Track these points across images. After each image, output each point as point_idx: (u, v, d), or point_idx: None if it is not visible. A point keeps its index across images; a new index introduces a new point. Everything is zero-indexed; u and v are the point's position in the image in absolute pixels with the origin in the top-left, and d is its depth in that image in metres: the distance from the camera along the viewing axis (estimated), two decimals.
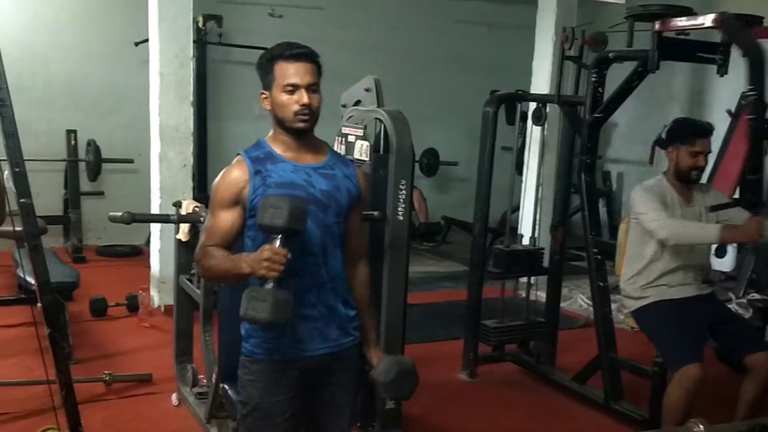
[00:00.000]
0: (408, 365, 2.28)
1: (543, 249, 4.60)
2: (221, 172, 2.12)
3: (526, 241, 4.68)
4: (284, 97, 2.06)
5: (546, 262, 4.63)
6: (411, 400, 3.70)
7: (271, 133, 2.16)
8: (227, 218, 2.09)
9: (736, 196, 6.22)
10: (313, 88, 2.08)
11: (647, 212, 3.34)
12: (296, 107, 2.06)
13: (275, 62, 2.08)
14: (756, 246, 6.00)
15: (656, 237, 3.32)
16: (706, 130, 3.44)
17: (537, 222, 4.71)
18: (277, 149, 2.12)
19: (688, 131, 3.44)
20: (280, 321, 1.92)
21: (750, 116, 3.25)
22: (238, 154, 2.13)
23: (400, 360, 2.33)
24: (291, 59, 2.06)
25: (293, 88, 2.05)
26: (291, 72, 2.05)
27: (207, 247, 2.09)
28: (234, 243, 2.12)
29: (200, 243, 2.13)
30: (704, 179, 3.60)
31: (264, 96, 2.12)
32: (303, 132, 2.10)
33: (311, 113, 2.08)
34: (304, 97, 2.05)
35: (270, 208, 1.91)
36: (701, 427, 1.92)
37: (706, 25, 3.41)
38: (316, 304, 2.11)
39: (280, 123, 2.10)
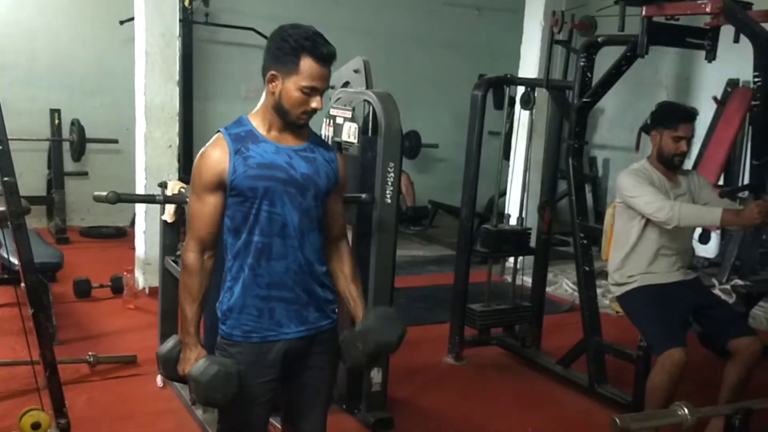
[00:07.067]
0: (392, 313, 2.28)
1: (530, 229, 4.61)
2: (201, 151, 2.08)
3: (513, 221, 4.68)
4: (299, 96, 2.01)
5: (533, 243, 4.64)
6: (397, 383, 3.76)
7: (257, 110, 2.12)
8: (212, 202, 2.05)
9: (720, 182, 6.32)
10: (323, 93, 2.06)
11: (642, 195, 3.31)
12: (306, 108, 2.03)
13: (303, 55, 1.98)
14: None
15: (655, 220, 3.28)
16: (690, 114, 3.42)
17: (524, 206, 4.71)
18: (260, 128, 2.08)
19: (671, 115, 3.42)
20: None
21: (754, 102, 3.20)
22: (218, 131, 2.09)
23: (384, 310, 2.33)
24: (321, 61, 2.00)
25: (311, 92, 2.02)
26: (317, 74, 2.00)
27: (196, 255, 2.06)
28: (220, 226, 2.09)
29: (188, 235, 2.10)
30: (690, 166, 3.60)
31: (274, 77, 2.02)
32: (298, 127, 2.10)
33: (313, 114, 2.08)
34: (318, 102, 2.03)
35: (191, 381, 2.06)
36: (685, 410, 1.93)
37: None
38: (294, 287, 2.10)
39: (280, 111, 2.05)
